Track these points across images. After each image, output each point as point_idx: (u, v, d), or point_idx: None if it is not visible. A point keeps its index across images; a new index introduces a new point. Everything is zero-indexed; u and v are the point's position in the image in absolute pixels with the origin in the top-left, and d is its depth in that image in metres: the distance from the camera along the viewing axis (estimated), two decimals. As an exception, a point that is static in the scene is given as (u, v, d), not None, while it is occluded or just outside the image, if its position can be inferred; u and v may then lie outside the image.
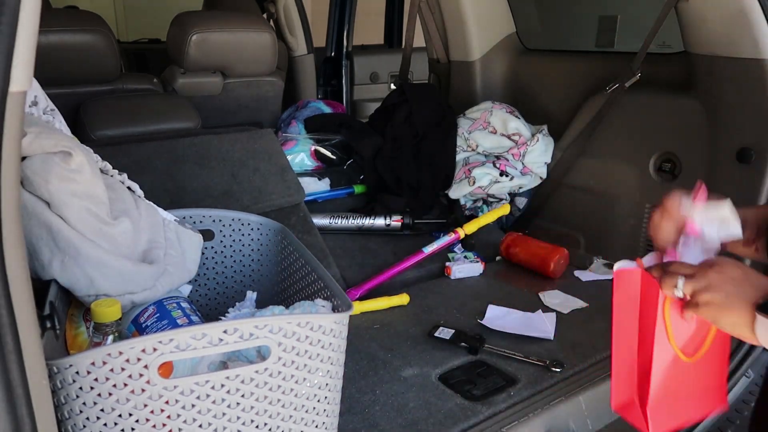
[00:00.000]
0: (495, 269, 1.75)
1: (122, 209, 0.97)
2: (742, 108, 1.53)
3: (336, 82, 3.75)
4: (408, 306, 1.50)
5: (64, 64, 2.03)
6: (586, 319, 1.45)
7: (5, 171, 0.52)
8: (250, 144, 1.79)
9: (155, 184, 1.56)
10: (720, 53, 1.54)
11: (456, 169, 2.04)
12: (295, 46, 3.21)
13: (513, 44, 2.26)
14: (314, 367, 0.82)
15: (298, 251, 1.13)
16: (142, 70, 3.83)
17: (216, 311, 1.22)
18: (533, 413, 1.11)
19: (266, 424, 0.80)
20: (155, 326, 0.93)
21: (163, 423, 0.73)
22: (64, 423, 0.73)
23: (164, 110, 2.10)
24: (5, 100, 0.51)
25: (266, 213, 1.59)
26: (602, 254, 1.82)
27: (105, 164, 1.05)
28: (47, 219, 0.86)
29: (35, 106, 1.07)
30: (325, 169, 2.12)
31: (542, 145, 1.99)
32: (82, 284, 0.88)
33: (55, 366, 0.70)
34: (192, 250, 1.11)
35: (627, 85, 1.77)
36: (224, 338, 0.75)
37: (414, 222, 1.89)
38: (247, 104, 2.56)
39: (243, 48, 2.38)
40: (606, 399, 1.20)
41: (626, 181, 1.82)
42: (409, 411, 1.10)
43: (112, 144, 1.70)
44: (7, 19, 0.50)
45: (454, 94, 2.37)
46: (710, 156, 1.61)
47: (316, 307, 0.90)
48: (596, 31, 2.06)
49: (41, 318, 0.74)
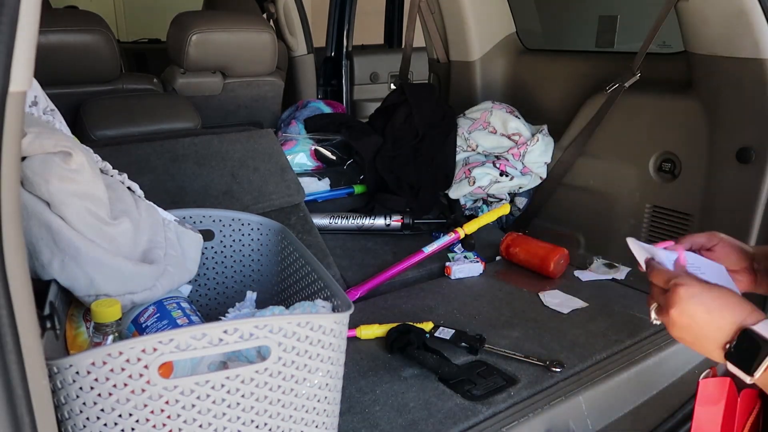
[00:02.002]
0: (495, 269, 1.75)
1: (122, 209, 0.97)
2: (742, 108, 1.53)
3: (336, 82, 3.75)
4: (408, 306, 1.50)
5: (64, 64, 2.03)
6: (586, 319, 1.45)
7: (5, 171, 0.52)
8: (250, 144, 1.79)
9: (155, 184, 1.57)
10: (720, 53, 1.54)
11: (456, 169, 2.04)
12: (295, 46, 3.21)
13: (513, 44, 2.26)
14: (314, 367, 0.82)
15: (298, 251, 1.13)
16: (142, 70, 3.84)
17: (216, 311, 1.22)
18: (533, 413, 1.11)
19: (266, 424, 0.80)
20: (155, 326, 0.93)
21: (163, 423, 0.73)
22: (64, 423, 0.73)
23: (164, 110, 2.10)
24: (5, 100, 0.51)
25: (266, 213, 1.59)
26: (602, 254, 1.82)
27: (105, 164, 1.05)
28: (47, 219, 0.86)
29: (35, 106, 1.07)
30: (325, 169, 2.12)
31: (542, 145, 1.99)
32: (82, 284, 0.88)
33: (55, 366, 0.70)
34: (192, 250, 1.11)
35: (627, 85, 1.77)
36: (224, 338, 0.75)
37: (414, 222, 1.89)
38: (247, 104, 2.57)
39: (243, 48, 2.38)
40: (606, 399, 1.21)
41: (626, 181, 1.82)
42: (409, 411, 1.10)
43: (112, 144, 1.70)
44: (7, 19, 0.50)
45: (454, 94, 2.37)
46: (710, 156, 1.61)
47: (316, 307, 0.90)
48: (596, 31, 2.06)
49: (41, 318, 0.73)
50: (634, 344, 1.34)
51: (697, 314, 0.74)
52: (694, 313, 0.74)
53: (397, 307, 1.50)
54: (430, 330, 1.34)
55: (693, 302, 0.74)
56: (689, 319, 0.75)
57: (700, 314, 0.74)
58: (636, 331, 1.38)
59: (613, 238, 1.85)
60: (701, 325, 0.74)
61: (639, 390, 1.26)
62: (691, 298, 0.75)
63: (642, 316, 1.44)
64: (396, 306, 1.50)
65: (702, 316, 0.74)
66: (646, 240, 1.75)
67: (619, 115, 1.82)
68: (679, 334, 0.77)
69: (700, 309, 0.74)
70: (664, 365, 1.32)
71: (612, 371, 1.24)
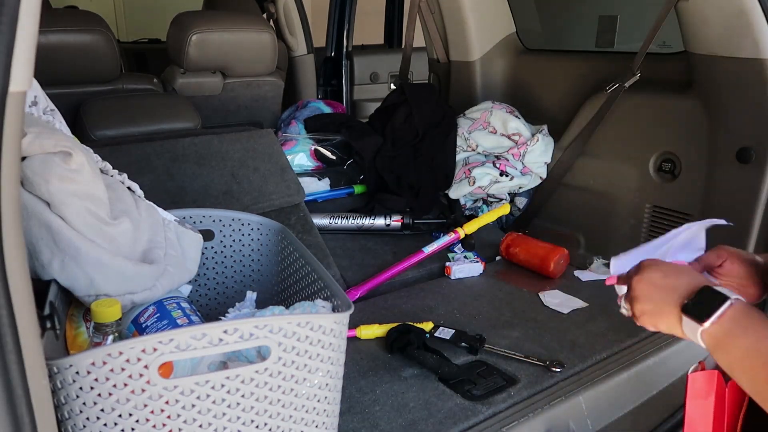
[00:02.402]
0: (495, 269, 1.75)
1: (122, 209, 0.97)
2: (742, 108, 1.53)
3: (336, 82, 3.75)
4: (408, 306, 1.50)
5: (64, 64, 2.03)
6: (586, 319, 1.45)
7: (5, 171, 0.52)
8: (250, 144, 1.79)
9: (155, 184, 1.57)
10: (720, 53, 1.54)
11: (456, 169, 2.04)
12: (295, 46, 3.21)
13: (513, 44, 2.26)
14: (314, 367, 0.82)
15: (298, 251, 1.13)
16: (142, 70, 3.84)
17: (216, 311, 1.22)
18: (533, 413, 1.11)
19: (266, 424, 0.80)
20: (155, 326, 0.93)
21: (163, 423, 0.73)
22: (64, 423, 0.73)
23: (164, 110, 2.10)
24: (5, 100, 0.51)
25: (266, 213, 1.59)
26: (602, 254, 1.82)
27: (105, 164, 1.05)
28: (47, 219, 0.86)
29: (35, 106, 1.07)
30: (325, 169, 2.11)
31: (542, 145, 1.99)
32: (82, 284, 0.88)
33: (55, 366, 0.70)
34: (192, 250, 1.11)
35: (627, 85, 1.77)
36: (224, 338, 0.75)
37: (414, 222, 1.89)
38: (247, 104, 2.57)
39: (243, 48, 2.38)
40: (606, 399, 1.21)
41: (626, 181, 1.82)
42: (409, 411, 1.10)
43: (112, 144, 1.70)
44: (7, 19, 0.50)
45: (454, 94, 2.37)
46: (710, 156, 1.61)
47: (316, 307, 0.90)
48: (596, 31, 2.06)
49: (41, 318, 0.73)
50: (634, 344, 1.34)
51: (657, 277, 0.79)
52: (654, 275, 0.79)
53: (397, 307, 1.50)
54: (430, 330, 1.34)
55: (651, 269, 0.80)
56: (648, 285, 0.79)
57: (658, 277, 0.79)
58: (636, 331, 1.37)
59: (613, 238, 1.85)
60: (661, 287, 0.78)
61: (639, 390, 1.26)
62: (648, 267, 0.81)
63: (642, 316, 1.44)
64: (396, 306, 1.50)
65: (660, 278, 0.79)
66: (646, 239, 1.75)
67: (619, 115, 1.82)
68: (642, 306, 0.80)
69: (657, 275, 0.79)
70: (664, 365, 1.32)
71: (612, 371, 1.24)
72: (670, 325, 0.77)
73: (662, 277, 0.79)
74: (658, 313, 0.78)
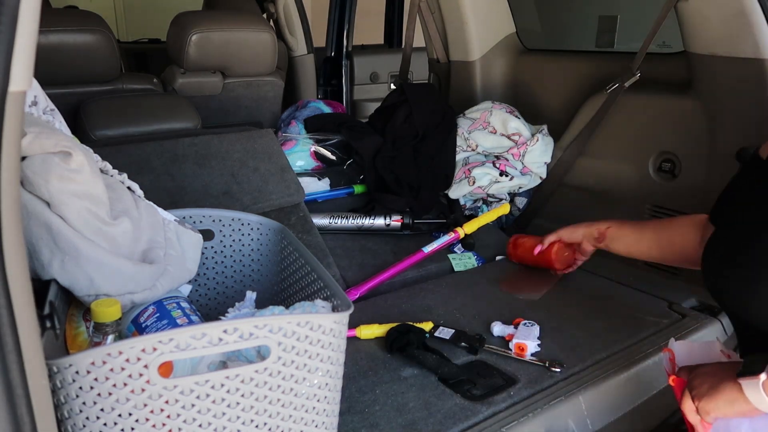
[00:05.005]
0: (495, 269, 1.75)
1: (122, 209, 0.97)
2: (742, 108, 1.53)
3: (336, 82, 3.75)
4: (408, 306, 1.50)
5: (64, 64, 2.03)
6: (586, 319, 1.44)
7: (5, 171, 0.52)
8: (250, 144, 1.79)
9: (155, 184, 1.57)
10: (720, 53, 1.54)
11: (456, 169, 2.04)
12: (295, 46, 3.21)
13: (513, 44, 2.26)
14: (314, 366, 0.82)
15: (298, 251, 1.13)
16: (142, 70, 3.84)
17: (216, 311, 1.22)
18: (533, 413, 1.11)
19: (266, 423, 0.80)
20: (155, 326, 0.93)
21: (163, 423, 0.74)
22: (63, 422, 0.73)
23: (164, 110, 2.10)
24: (5, 100, 0.51)
25: (266, 213, 1.59)
26: (602, 254, 1.81)
27: (105, 164, 1.05)
28: (47, 219, 0.86)
29: (35, 106, 1.07)
30: (325, 169, 2.11)
31: (542, 145, 1.99)
32: (82, 284, 0.88)
33: (55, 366, 0.70)
34: (192, 250, 1.11)
35: (627, 85, 1.77)
36: (224, 338, 0.75)
37: (414, 222, 1.89)
38: (247, 104, 2.57)
39: (243, 48, 2.38)
40: (606, 399, 1.21)
41: (626, 181, 1.82)
42: (409, 411, 1.10)
43: (112, 144, 1.70)
44: (7, 19, 0.50)
45: (454, 94, 2.37)
46: (710, 156, 1.61)
47: (315, 307, 0.90)
48: (596, 31, 2.06)
49: (41, 318, 0.74)
50: (634, 344, 1.33)
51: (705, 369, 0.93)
52: (702, 369, 0.93)
53: (397, 307, 1.49)
54: (430, 330, 1.34)
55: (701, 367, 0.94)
56: (702, 375, 0.92)
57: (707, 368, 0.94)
58: (636, 331, 1.37)
59: (613, 238, 1.84)
60: (710, 374, 0.91)
61: (639, 390, 1.26)
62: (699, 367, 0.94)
63: (642, 316, 1.44)
64: (396, 306, 1.50)
65: (708, 369, 0.93)
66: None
67: (619, 115, 1.82)
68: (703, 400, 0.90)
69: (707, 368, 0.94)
70: (664, 365, 1.32)
71: (612, 371, 1.24)
72: (733, 400, 0.85)
73: (710, 368, 0.92)
74: (717, 395, 0.87)
